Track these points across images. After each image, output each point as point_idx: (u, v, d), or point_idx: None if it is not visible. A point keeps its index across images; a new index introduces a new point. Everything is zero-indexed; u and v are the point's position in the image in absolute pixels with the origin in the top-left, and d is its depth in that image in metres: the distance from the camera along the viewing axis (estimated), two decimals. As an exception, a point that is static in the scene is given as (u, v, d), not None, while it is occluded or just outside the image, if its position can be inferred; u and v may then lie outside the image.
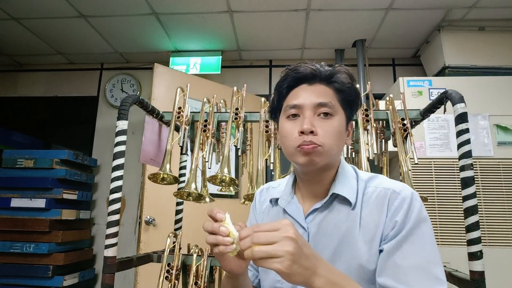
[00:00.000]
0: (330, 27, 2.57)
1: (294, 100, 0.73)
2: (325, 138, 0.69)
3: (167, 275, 1.26)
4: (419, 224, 0.65)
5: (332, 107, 0.71)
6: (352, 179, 0.75)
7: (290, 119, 0.73)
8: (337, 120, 0.72)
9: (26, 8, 2.40)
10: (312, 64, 0.75)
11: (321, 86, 0.74)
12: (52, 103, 3.32)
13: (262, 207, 0.88)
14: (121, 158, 1.18)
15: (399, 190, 0.70)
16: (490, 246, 1.93)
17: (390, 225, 0.67)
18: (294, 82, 0.75)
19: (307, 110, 0.71)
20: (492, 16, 2.42)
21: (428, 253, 0.63)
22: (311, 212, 0.75)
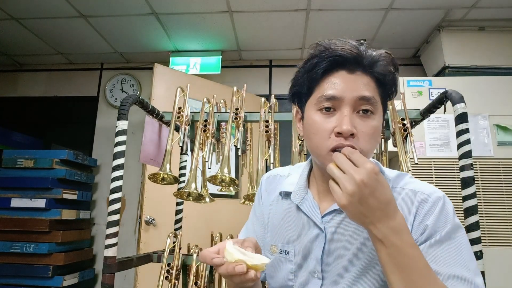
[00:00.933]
0: (330, 27, 2.57)
1: (331, 90, 0.61)
2: (365, 142, 0.60)
3: (167, 275, 1.26)
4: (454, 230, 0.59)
5: (375, 103, 0.61)
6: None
7: (323, 113, 0.62)
8: (377, 119, 0.62)
9: (26, 8, 2.40)
10: (353, 45, 0.63)
11: (363, 75, 0.62)
12: (52, 103, 3.32)
13: (269, 198, 0.80)
14: (121, 158, 1.18)
15: (428, 193, 0.63)
16: (490, 246, 1.93)
17: (419, 230, 0.60)
18: (331, 66, 0.62)
19: (347, 105, 0.60)
20: (492, 16, 2.42)
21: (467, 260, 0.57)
22: (329, 212, 0.68)
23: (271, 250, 0.75)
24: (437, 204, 0.61)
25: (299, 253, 0.70)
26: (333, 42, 0.64)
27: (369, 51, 0.64)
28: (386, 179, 0.67)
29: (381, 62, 0.63)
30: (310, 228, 0.70)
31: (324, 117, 0.62)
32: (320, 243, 0.68)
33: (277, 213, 0.76)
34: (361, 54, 0.62)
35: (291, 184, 0.76)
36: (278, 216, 0.76)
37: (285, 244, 0.73)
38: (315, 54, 0.64)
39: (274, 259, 0.73)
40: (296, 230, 0.72)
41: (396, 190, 0.67)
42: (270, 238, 0.77)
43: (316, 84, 0.64)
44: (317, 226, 0.69)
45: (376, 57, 0.63)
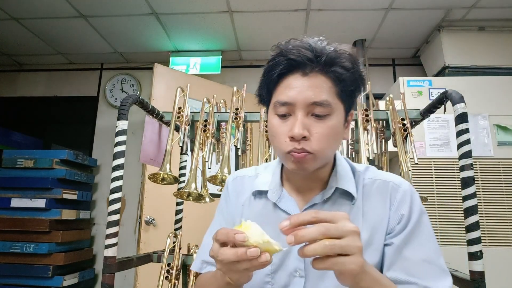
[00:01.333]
0: (330, 27, 2.57)
1: (284, 95, 0.63)
2: (318, 143, 0.62)
3: (167, 275, 1.26)
4: (422, 217, 0.66)
5: (328, 106, 0.62)
6: (349, 172, 0.72)
7: (280, 118, 0.64)
8: (334, 119, 0.63)
9: (26, 8, 2.40)
10: (309, 46, 0.63)
11: (318, 76, 0.62)
12: (52, 103, 3.33)
13: (239, 199, 0.78)
14: (121, 158, 1.18)
15: (398, 182, 0.69)
16: (490, 246, 1.93)
17: (396, 218, 0.66)
18: (287, 69, 0.63)
19: (300, 109, 0.62)
20: (492, 16, 2.42)
21: (433, 246, 0.65)
22: (308, 207, 0.70)
23: None
24: (408, 193, 0.68)
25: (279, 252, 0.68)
26: (291, 43, 0.64)
27: (326, 49, 0.63)
28: (357, 172, 0.73)
29: (337, 60, 0.63)
30: None
31: (281, 121, 0.64)
32: None
33: (251, 213, 0.74)
34: (317, 55, 0.62)
35: (264, 183, 0.75)
36: (252, 216, 0.73)
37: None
38: (272, 57, 0.66)
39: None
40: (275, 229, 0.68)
41: (368, 181, 0.71)
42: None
43: (273, 87, 0.66)
44: None
45: (332, 55, 0.63)
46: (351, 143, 1.49)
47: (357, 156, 1.37)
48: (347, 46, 0.66)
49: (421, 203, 0.69)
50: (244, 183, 0.80)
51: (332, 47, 0.64)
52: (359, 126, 1.35)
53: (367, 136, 1.34)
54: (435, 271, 0.62)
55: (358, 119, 1.36)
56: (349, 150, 1.50)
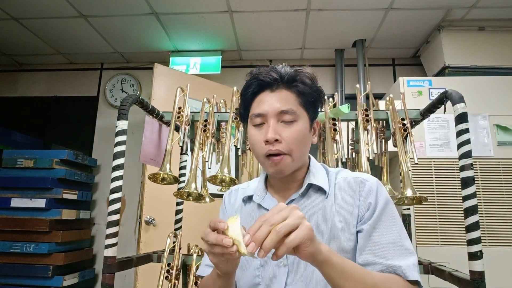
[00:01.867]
0: (330, 27, 2.57)
1: (258, 109, 0.76)
2: (290, 145, 0.73)
3: (167, 275, 1.26)
4: (387, 205, 0.74)
5: (294, 113, 0.74)
6: (322, 172, 0.83)
7: (256, 127, 0.77)
8: (300, 124, 0.75)
9: (26, 8, 2.40)
10: (273, 69, 0.77)
11: (283, 91, 0.76)
12: (52, 103, 3.32)
13: (233, 208, 0.90)
14: (121, 158, 1.18)
15: (366, 177, 0.79)
16: (490, 246, 1.93)
17: (365, 207, 0.75)
18: (258, 89, 0.78)
19: (271, 118, 0.74)
20: (492, 16, 2.42)
21: (398, 230, 0.72)
22: (288, 203, 0.79)
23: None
24: (374, 185, 0.77)
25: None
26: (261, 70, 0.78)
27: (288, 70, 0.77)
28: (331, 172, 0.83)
29: (297, 78, 0.77)
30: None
31: (257, 130, 0.77)
32: None
33: (242, 216, 0.84)
34: (280, 75, 0.76)
35: (252, 189, 0.88)
36: (242, 218, 0.83)
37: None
38: (247, 81, 0.80)
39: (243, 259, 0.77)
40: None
41: (340, 179, 0.81)
42: None
43: (249, 104, 0.80)
44: None
45: (292, 74, 0.77)
46: (351, 143, 1.50)
47: (357, 156, 1.37)
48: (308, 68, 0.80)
49: (387, 194, 0.77)
50: (238, 194, 0.92)
51: (293, 69, 0.78)
52: (359, 126, 1.35)
53: (367, 136, 1.34)
54: (400, 251, 0.70)
55: (358, 119, 1.36)
56: (349, 150, 1.50)
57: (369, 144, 1.31)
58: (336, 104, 1.44)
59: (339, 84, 2.85)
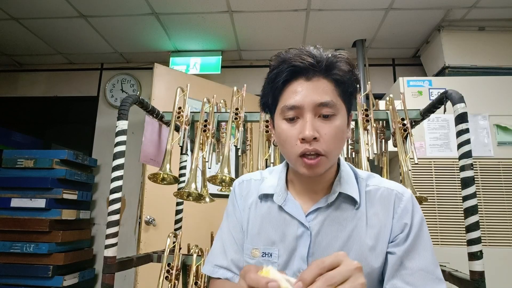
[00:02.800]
0: (330, 27, 2.57)
1: (292, 100, 0.66)
2: (329, 144, 0.65)
3: (167, 275, 1.26)
4: (422, 227, 0.69)
5: (334, 106, 0.65)
6: (352, 178, 0.74)
7: (288, 122, 0.67)
8: (339, 119, 0.66)
9: (26, 8, 2.40)
10: (309, 53, 0.66)
11: (321, 80, 0.66)
12: (52, 103, 3.32)
13: (246, 202, 0.81)
14: (121, 158, 1.18)
15: (401, 191, 0.72)
16: (490, 246, 1.93)
17: (399, 227, 0.69)
18: (290, 76, 0.67)
19: (308, 111, 0.65)
20: (492, 16, 2.42)
21: (431, 256, 0.67)
22: (312, 211, 0.72)
23: (252, 254, 0.75)
24: (410, 202, 0.70)
25: (283, 254, 0.72)
26: (291, 52, 0.68)
27: (325, 55, 0.67)
28: (360, 178, 0.75)
29: (337, 64, 0.67)
30: (294, 227, 0.72)
31: (290, 125, 0.67)
32: (305, 241, 0.70)
33: (257, 216, 0.77)
34: (317, 60, 0.66)
35: (269, 186, 0.78)
36: (258, 219, 0.76)
37: (267, 247, 0.73)
38: (275, 66, 0.69)
39: (255, 263, 0.74)
40: (280, 231, 0.73)
41: (371, 188, 0.74)
42: (251, 242, 0.76)
43: (279, 94, 0.69)
44: (302, 224, 0.71)
45: (331, 60, 0.66)
46: (351, 143, 1.49)
47: (357, 156, 1.37)
48: (344, 51, 0.70)
49: (421, 212, 0.71)
50: (251, 186, 0.82)
51: (330, 53, 0.68)
52: (359, 126, 1.35)
53: (367, 136, 1.34)
54: (430, 279, 0.65)
55: (358, 119, 1.36)
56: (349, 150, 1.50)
57: (369, 144, 1.31)
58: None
59: (339, 84, 2.85)
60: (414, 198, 0.72)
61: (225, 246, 0.80)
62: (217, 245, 0.82)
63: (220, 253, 0.80)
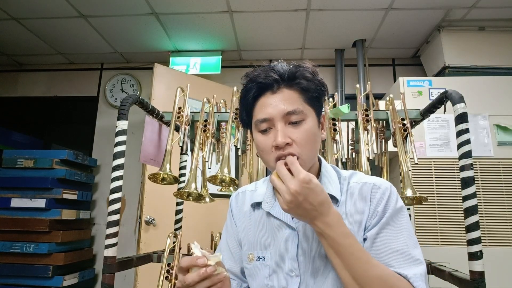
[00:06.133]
0: (330, 27, 2.57)
1: (262, 113, 0.72)
2: (301, 147, 0.70)
3: (167, 275, 1.26)
4: (396, 213, 0.71)
5: (301, 112, 0.71)
6: (334, 177, 0.79)
7: (263, 133, 0.73)
8: (308, 123, 0.72)
9: (26, 8, 2.40)
10: (272, 69, 0.73)
11: (285, 91, 0.72)
12: (52, 103, 3.32)
13: (241, 212, 0.87)
14: (121, 158, 1.18)
15: (379, 183, 0.75)
16: (490, 246, 1.93)
17: (373, 216, 0.72)
18: (258, 92, 0.74)
19: (278, 121, 0.71)
20: (492, 16, 2.42)
21: (405, 238, 0.68)
22: None
23: (249, 259, 0.80)
24: (386, 192, 0.73)
25: (274, 255, 0.76)
26: (257, 71, 0.74)
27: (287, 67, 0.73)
28: (342, 177, 0.79)
29: (297, 74, 0.73)
30: (283, 230, 0.77)
31: (264, 136, 0.73)
32: (294, 241, 0.75)
33: (251, 224, 0.83)
34: (280, 74, 0.72)
35: (260, 195, 0.84)
36: (252, 226, 0.82)
37: (261, 251, 0.78)
38: (244, 85, 0.76)
39: (251, 267, 0.79)
40: (270, 234, 0.79)
41: (352, 185, 0.77)
42: (247, 248, 0.81)
43: (251, 109, 0.76)
44: (289, 226, 0.76)
45: (292, 71, 0.73)
46: (351, 143, 1.49)
47: (357, 156, 1.37)
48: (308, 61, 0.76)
49: (399, 201, 0.73)
50: (245, 197, 0.88)
51: (292, 65, 0.74)
52: (359, 126, 1.35)
53: (367, 136, 1.34)
54: (406, 259, 0.66)
55: (358, 119, 1.36)
56: (349, 150, 1.50)
57: (369, 144, 1.31)
58: (336, 104, 1.44)
59: (339, 84, 2.85)
60: (394, 190, 0.74)
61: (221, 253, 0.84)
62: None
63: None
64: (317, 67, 0.77)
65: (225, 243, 0.88)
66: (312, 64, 0.76)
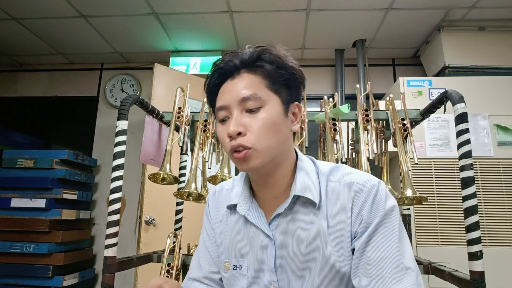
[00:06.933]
0: (330, 27, 2.57)
1: (219, 101, 0.67)
2: (255, 136, 0.62)
3: (167, 275, 1.26)
4: (385, 217, 0.62)
5: (258, 99, 0.63)
6: (312, 174, 0.69)
7: (222, 123, 0.67)
8: (267, 111, 0.64)
9: (26, 8, 2.40)
10: (235, 55, 0.67)
11: (245, 75, 0.65)
12: (52, 103, 3.32)
13: (218, 214, 0.79)
14: (121, 158, 1.18)
15: (363, 182, 0.65)
16: (490, 246, 1.93)
17: (358, 221, 0.63)
18: (220, 79, 0.68)
19: (234, 109, 0.64)
20: (492, 16, 2.42)
21: (396, 244, 0.60)
22: (274, 217, 0.69)
23: (225, 268, 0.74)
24: (371, 192, 0.64)
25: (252, 266, 0.70)
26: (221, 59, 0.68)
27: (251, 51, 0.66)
28: (322, 174, 0.70)
29: (261, 57, 0.66)
30: (259, 238, 0.69)
31: (223, 126, 0.66)
32: (270, 251, 0.68)
33: (228, 229, 0.75)
34: (241, 58, 0.66)
35: (236, 194, 0.75)
36: (229, 231, 0.75)
37: (238, 259, 0.72)
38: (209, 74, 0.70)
39: (228, 276, 0.73)
40: (247, 242, 0.71)
41: (333, 184, 0.68)
42: (223, 255, 0.75)
43: (214, 98, 0.69)
44: (265, 234, 0.68)
45: (255, 54, 0.66)
46: (351, 143, 1.50)
47: (357, 156, 1.37)
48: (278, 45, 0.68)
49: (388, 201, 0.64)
50: (222, 197, 0.80)
51: (258, 49, 0.67)
52: (359, 126, 1.35)
53: (367, 136, 1.34)
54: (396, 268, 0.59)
55: (358, 119, 1.36)
56: (349, 150, 1.50)
57: (369, 144, 1.31)
58: (336, 104, 1.44)
59: (339, 84, 2.85)
60: (381, 188, 0.65)
61: (200, 259, 0.80)
62: (194, 258, 0.82)
63: (196, 266, 0.80)
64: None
65: (204, 247, 0.80)
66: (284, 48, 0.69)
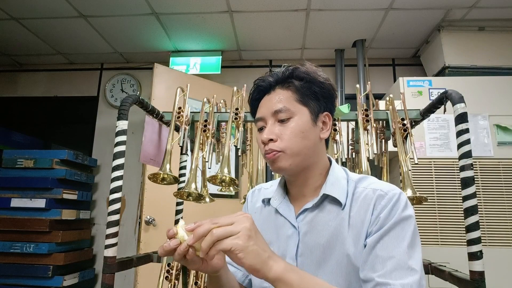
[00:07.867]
0: (330, 27, 2.57)
1: (258, 113, 0.80)
2: (284, 142, 0.74)
3: (167, 275, 1.26)
4: (401, 222, 0.67)
5: (288, 111, 0.75)
6: (343, 180, 0.77)
7: (260, 132, 0.80)
8: (295, 121, 0.75)
9: (26, 8, 2.40)
10: (271, 74, 0.80)
11: (278, 91, 0.78)
12: (52, 103, 3.32)
13: (254, 207, 0.91)
14: (121, 158, 1.18)
15: (386, 190, 0.71)
16: (490, 246, 1.93)
17: (375, 222, 0.69)
18: (259, 95, 0.81)
19: (268, 119, 0.77)
20: (492, 16, 2.42)
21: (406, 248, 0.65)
22: (302, 212, 0.77)
23: None
24: (392, 199, 0.69)
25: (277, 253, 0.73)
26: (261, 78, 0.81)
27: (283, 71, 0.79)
28: (351, 181, 0.78)
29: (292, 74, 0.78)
30: (286, 228, 0.78)
31: (260, 134, 0.79)
32: (294, 240, 0.76)
33: (260, 219, 0.85)
34: (276, 76, 0.79)
35: (271, 191, 0.87)
36: (261, 221, 0.84)
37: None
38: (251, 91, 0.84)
39: None
40: (275, 232, 0.81)
41: (359, 189, 0.75)
42: None
43: (255, 111, 0.84)
44: (292, 225, 0.78)
45: (286, 73, 0.78)
46: (351, 143, 1.49)
47: (357, 156, 1.37)
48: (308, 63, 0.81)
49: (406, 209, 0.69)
50: (260, 194, 0.92)
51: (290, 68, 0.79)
52: (359, 126, 1.35)
53: (367, 136, 1.34)
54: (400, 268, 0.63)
55: (358, 119, 1.36)
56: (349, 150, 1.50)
57: (369, 144, 1.31)
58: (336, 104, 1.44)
59: (339, 84, 2.85)
60: (403, 198, 0.70)
61: None
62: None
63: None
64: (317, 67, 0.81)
65: None
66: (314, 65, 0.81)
